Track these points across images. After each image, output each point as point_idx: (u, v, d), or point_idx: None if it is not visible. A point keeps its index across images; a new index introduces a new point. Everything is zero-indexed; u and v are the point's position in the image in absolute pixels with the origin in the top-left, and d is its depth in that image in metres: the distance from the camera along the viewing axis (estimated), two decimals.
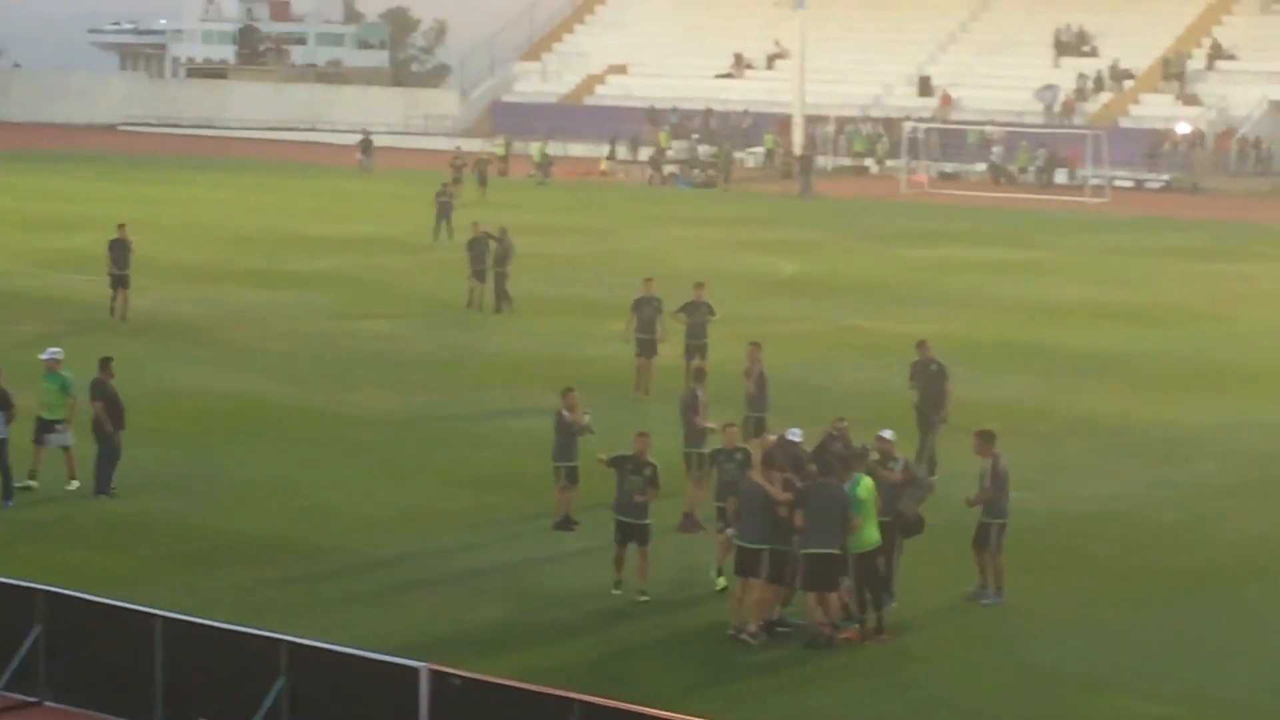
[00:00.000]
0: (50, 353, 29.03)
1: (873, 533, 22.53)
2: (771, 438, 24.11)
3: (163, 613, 19.50)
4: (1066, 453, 32.79)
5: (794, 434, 24.13)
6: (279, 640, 18.78)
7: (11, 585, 20.47)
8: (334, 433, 33.04)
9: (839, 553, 22.18)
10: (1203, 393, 38.70)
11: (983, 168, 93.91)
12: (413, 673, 17.99)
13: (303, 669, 18.49)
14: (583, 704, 17.37)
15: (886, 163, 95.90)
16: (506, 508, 28.01)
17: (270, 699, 18.44)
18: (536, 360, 39.95)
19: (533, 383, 36.70)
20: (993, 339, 44.34)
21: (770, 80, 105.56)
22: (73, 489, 28.15)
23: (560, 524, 26.72)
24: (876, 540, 22.59)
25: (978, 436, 24.15)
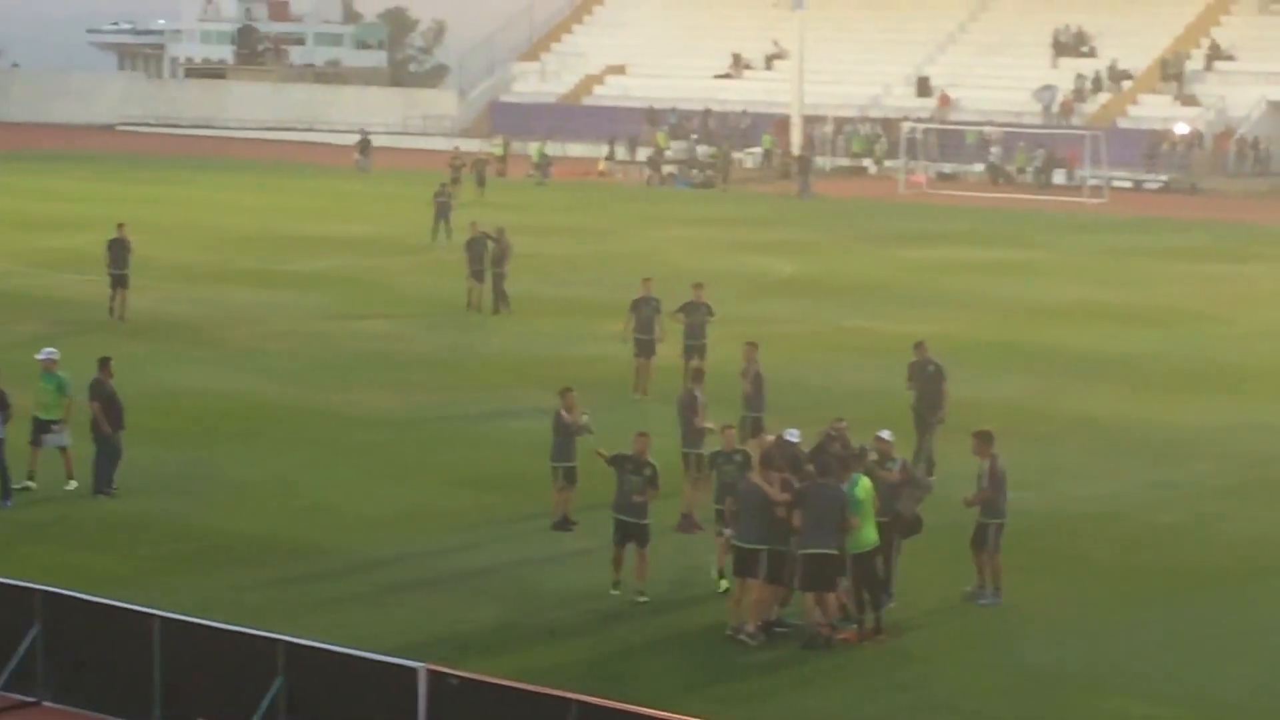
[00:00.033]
0: (46, 353, 28.97)
1: (871, 533, 22.53)
2: (770, 438, 24.14)
3: (161, 613, 19.50)
4: (1064, 453, 32.79)
5: (792, 434, 24.15)
6: (277, 640, 18.78)
7: (10, 585, 20.46)
8: (333, 433, 33.04)
9: (837, 553, 22.18)
10: (1201, 393, 38.71)
11: (981, 168, 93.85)
12: (411, 673, 17.99)
13: (301, 669, 18.50)
14: (580, 704, 17.38)
15: (885, 163, 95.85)
16: (505, 508, 28.01)
17: (268, 699, 18.44)
18: (535, 361, 39.95)
19: (531, 383, 36.70)
20: (991, 339, 44.33)
21: (769, 80, 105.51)
22: (71, 489, 28.16)
23: (558, 524, 26.74)
24: (875, 541, 22.59)
25: (976, 437, 24.16)
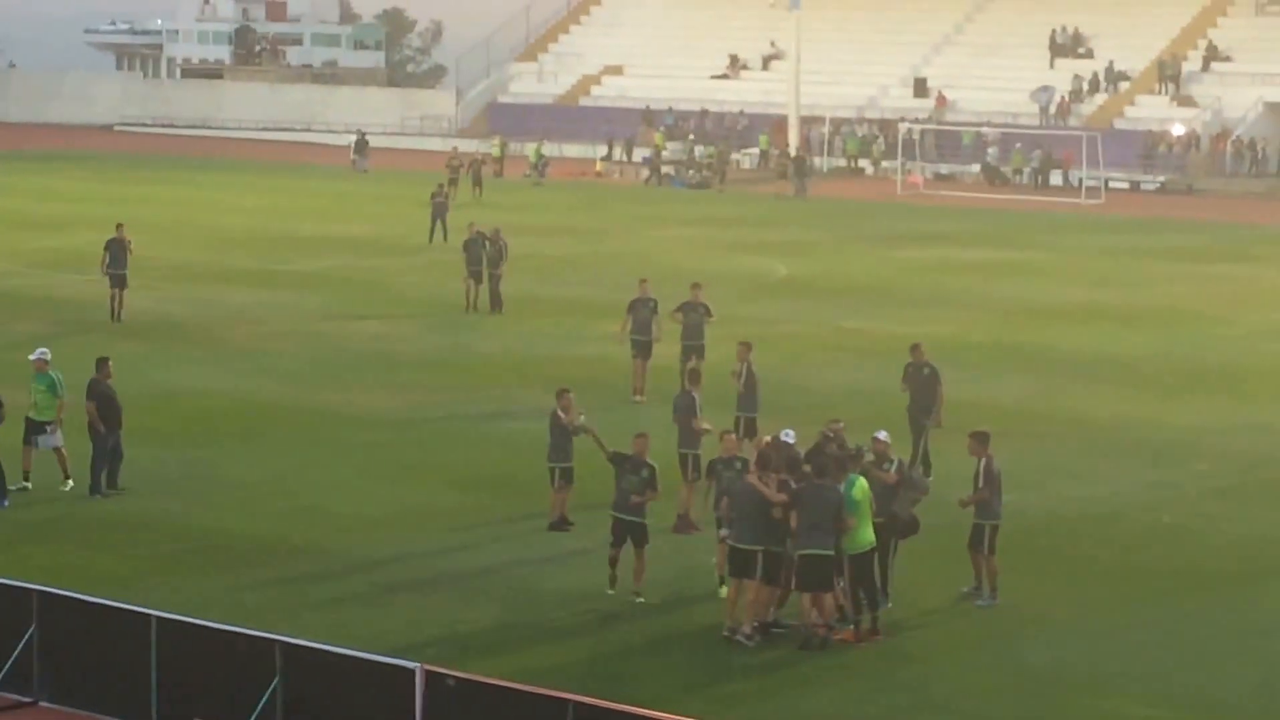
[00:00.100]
0: (38, 353, 28.80)
1: (868, 534, 22.53)
2: (766, 439, 24.14)
3: (158, 613, 19.48)
4: (1063, 453, 32.79)
5: (788, 435, 24.13)
6: (274, 640, 18.77)
7: (7, 585, 20.44)
8: (331, 433, 33.03)
9: (834, 554, 22.19)
10: (1198, 394, 38.72)
11: (978, 169, 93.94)
12: (408, 673, 17.98)
13: (298, 669, 18.49)
14: (577, 704, 17.37)
15: (882, 164, 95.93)
16: (502, 508, 28.00)
17: (265, 699, 18.44)
18: (533, 361, 39.96)
19: (529, 383, 36.70)
20: (987, 340, 44.33)
21: (766, 81, 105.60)
22: (67, 489, 28.13)
23: (555, 524, 26.72)
24: (871, 541, 22.58)
25: (972, 437, 24.17)
